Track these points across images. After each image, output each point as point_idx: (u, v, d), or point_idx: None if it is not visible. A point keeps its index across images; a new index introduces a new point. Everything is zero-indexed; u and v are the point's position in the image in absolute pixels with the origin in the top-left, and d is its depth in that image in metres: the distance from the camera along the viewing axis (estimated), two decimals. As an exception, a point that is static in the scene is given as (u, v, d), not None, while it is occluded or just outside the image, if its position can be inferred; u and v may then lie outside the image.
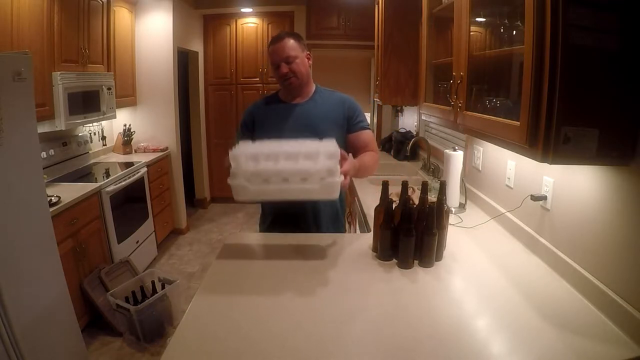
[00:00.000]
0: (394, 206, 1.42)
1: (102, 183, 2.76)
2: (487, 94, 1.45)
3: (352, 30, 4.45)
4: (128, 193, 3.11)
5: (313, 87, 1.74)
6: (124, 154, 3.75)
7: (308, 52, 1.68)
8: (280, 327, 1.07)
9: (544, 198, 1.44)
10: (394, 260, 1.43)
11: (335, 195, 1.32)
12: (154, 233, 3.57)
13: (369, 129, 1.77)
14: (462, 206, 1.99)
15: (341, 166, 1.32)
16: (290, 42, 1.60)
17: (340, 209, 1.79)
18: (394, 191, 1.53)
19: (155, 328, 2.50)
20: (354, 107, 1.72)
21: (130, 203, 3.19)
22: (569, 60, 0.94)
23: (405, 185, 1.44)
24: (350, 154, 1.43)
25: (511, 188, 1.71)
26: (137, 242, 3.23)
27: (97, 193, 2.71)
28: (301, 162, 1.29)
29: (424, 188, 1.42)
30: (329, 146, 1.32)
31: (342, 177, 1.31)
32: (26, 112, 1.79)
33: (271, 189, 1.31)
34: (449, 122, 1.63)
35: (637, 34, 0.94)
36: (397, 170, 3.17)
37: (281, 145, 1.33)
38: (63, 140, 3.08)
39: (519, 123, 1.07)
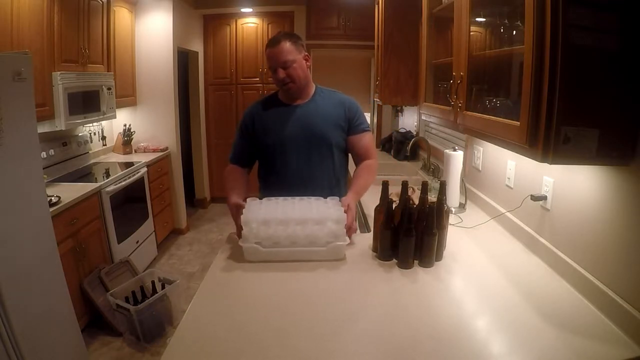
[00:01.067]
0: (394, 206, 1.42)
1: (102, 183, 2.76)
2: (487, 94, 1.45)
3: (352, 30, 4.44)
4: (128, 193, 3.11)
5: (313, 88, 1.73)
6: (124, 154, 3.75)
7: (306, 53, 1.66)
8: (280, 327, 1.07)
9: (544, 198, 1.44)
10: (394, 260, 1.43)
11: (340, 256, 1.44)
12: (154, 233, 3.57)
13: (369, 130, 1.77)
14: (462, 206, 1.99)
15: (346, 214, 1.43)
16: (287, 46, 1.58)
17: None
18: (394, 191, 1.53)
19: (155, 328, 2.50)
20: (354, 108, 1.72)
21: (130, 203, 3.19)
22: (569, 60, 0.94)
23: (405, 185, 1.44)
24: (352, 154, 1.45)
25: (511, 188, 1.71)
26: (137, 242, 3.23)
27: (97, 193, 2.71)
28: (310, 227, 1.40)
29: (424, 188, 1.42)
30: (336, 211, 1.44)
31: (347, 240, 1.43)
32: (26, 112, 1.79)
33: (281, 251, 1.42)
34: (449, 122, 1.63)
35: (637, 34, 0.94)
36: (397, 170, 3.17)
37: (293, 210, 1.44)
38: (63, 140, 3.08)
39: (519, 123, 1.07)
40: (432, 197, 1.48)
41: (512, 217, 1.67)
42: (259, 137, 1.70)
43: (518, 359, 0.97)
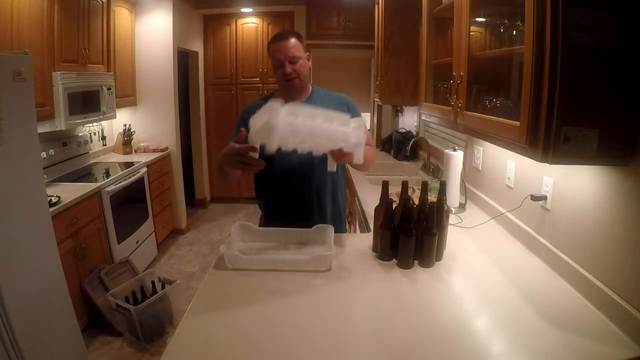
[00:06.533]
0: (394, 206, 1.42)
1: (102, 183, 2.76)
2: (487, 94, 1.45)
3: (352, 30, 4.44)
4: (128, 193, 3.11)
5: (310, 88, 1.74)
6: (124, 154, 3.75)
7: (308, 54, 1.67)
8: (279, 327, 1.07)
9: (544, 198, 1.44)
10: (394, 260, 1.43)
11: (326, 266, 1.39)
12: (154, 233, 3.57)
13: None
14: (462, 206, 1.99)
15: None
16: (296, 42, 1.59)
17: (341, 208, 1.79)
18: (394, 191, 1.53)
19: (155, 328, 2.50)
20: (353, 106, 1.74)
21: (130, 203, 3.19)
22: (569, 60, 0.94)
23: (405, 185, 1.44)
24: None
25: (511, 188, 1.71)
26: (137, 242, 3.23)
27: (97, 193, 2.71)
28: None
29: (424, 188, 1.42)
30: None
31: (332, 250, 1.39)
32: (26, 112, 1.79)
33: (262, 259, 1.43)
34: (449, 122, 1.63)
35: (637, 34, 0.94)
36: (397, 170, 3.17)
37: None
38: (63, 140, 3.08)
39: (519, 123, 1.07)
40: (432, 197, 1.48)
41: (512, 217, 1.67)
42: None
43: (518, 359, 0.97)
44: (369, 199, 2.16)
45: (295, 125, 1.26)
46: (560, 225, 1.37)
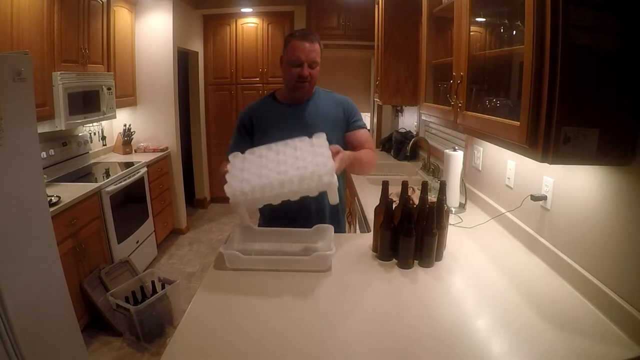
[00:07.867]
0: (394, 206, 1.42)
1: (102, 183, 2.77)
2: (487, 94, 1.45)
3: (352, 30, 4.44)
4: (128, 193, 3.11)
5: (313, 90, 1.74)
6: (124, 154, 3.75)
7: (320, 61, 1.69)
8: (280, 327, 1.07)
9: (544, 198, 1.44)
10: (394, 260, 1.43)
11: (326, 266, 1.38)
12: (154, 233, 3.57)
13: (365, 127, 1.77)
14: (462, 206, 1.99)
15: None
16: (319, 49, 1.60)
17: (340, 209, 1.79)
18: (394, 191, 1.53)
19: (155, 328, 2.50)
20: (351, 107, 1.74)
21: (130, 203, 3.19)
22: (569, 60, 0.94)
23: (405, 185, 1.44)
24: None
25: (511, 188, 1.71)
26: (137, 242, 3.23)
27: (97, 193, 2.71)
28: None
29: (424, 188, 1.42)
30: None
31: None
32: (26, 112, 1.79)
33: (263, 259, 1.41)
34: (449, 122, 1.63)
35: (637, 34, 0.94)
36: (397, 170, 3.17)
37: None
38: (63, 140, 3.08)
39: (519, 123, 1.07)
40: (432, 197, 1.48)
41: (512, 217, 1.67)
42: (257, 137, 1.70)
43: (518, 359, 0.97)
44: (369, 199, 2.15)
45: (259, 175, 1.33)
46: (560, 225, 1.37)
